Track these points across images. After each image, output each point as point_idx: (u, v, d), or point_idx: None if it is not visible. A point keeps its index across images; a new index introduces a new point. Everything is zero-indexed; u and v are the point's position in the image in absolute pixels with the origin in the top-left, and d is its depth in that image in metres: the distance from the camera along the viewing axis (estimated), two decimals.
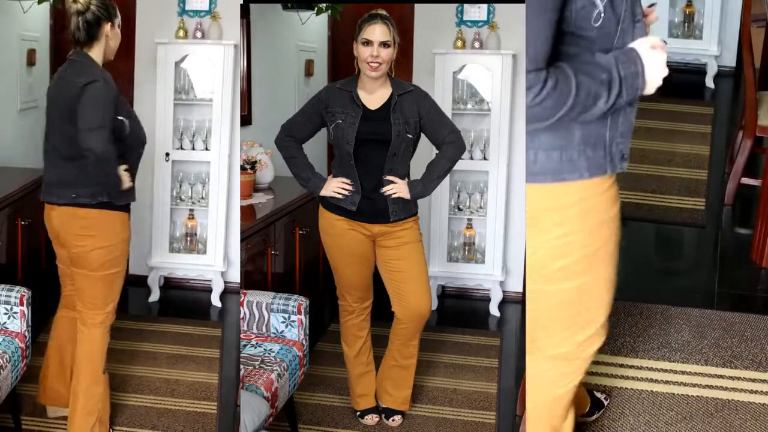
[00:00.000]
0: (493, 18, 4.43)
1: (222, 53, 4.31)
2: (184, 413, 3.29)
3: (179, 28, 4.41)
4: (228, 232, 4.45)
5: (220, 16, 4.39)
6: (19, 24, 4.16)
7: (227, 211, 4.42)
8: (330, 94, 3.05)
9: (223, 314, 4.33)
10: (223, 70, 4.32)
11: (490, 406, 3.41)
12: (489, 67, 4.34)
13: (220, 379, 3.54)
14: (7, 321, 3.01)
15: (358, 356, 3.28)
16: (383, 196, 3.02)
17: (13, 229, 3.67)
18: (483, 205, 4.48)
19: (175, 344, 3.89)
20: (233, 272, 4.48)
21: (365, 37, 2.91)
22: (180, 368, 3.65)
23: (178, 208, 4.52)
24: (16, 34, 4.17)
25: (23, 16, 4.14)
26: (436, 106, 3.09)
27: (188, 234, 4.53)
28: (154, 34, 4.43)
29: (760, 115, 3.88)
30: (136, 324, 4.08)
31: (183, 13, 4.47)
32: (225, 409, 3.29)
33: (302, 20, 4.69)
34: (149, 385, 3.47)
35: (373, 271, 3.19)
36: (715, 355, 3.06)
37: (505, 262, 4.51)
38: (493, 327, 4.33)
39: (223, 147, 4.38)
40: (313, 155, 3.24)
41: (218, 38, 4.39)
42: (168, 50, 4.36)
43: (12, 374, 2.91)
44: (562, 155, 1.99)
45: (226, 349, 3.79)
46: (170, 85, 4.37)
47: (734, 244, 3.89)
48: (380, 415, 3.29)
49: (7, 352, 2.90)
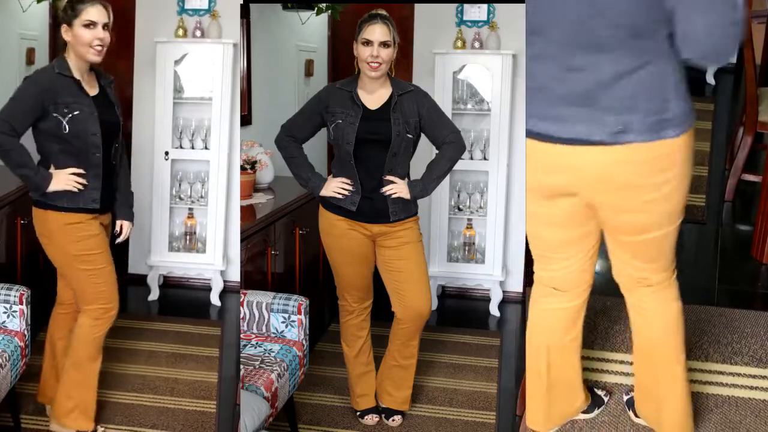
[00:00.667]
0: (493, 18, 4.43)
1: (221, 52, 4.32)
2: (184, 412, 3.28)
3: (178, 27, 4.42)
4: (227, 231, 4.46)
5: (219, 14, 4.39)
6: (18, 23, 4.16)
7: (226, 210, 4.43)
8: (330, 94, 3.05)
9: (223, 313, 4.34)
10: (222, 69, 4.33)
11: (490, 406, 3.41)
12: (489, 67, 4.34)
13: (219, 378, 3.53)
14: (6, 320, 3.02)
15: (358, 356, 3.29)
16: (383, 196, 3.01)
17: (12, 228, 3.68)
18: (483, 205, 4.48)
19: (175, 343, 3.90)
20: (232, 271, 4.50)
21: (365, 37, 2.91)
22: (179, 367, 3.66)
23: (178, 207, 4.53)
24: (16, 32, 4.16)
25: (22, 14, 4.14)
26: (436, 106, 3.09)
27: (188, 233, 4.54)
28: (153, 33, 4.43)
29: (761, 111, 3.89)
30: (135, 323, 4.08)
31: (182, 11, 4.48)
32: (224, 408, 3.29)
33: (302, 20, 4.69)
34: (149, 384, 3.47)
35: (373, 271, 3.19)
36: (715, 352, 3.06)
37: (505, 262, 4.51)
38: (493, 327, 4.33)
39: (222, 146, 4.39)
40: (313, 155, 3.24)
41: (218, 37, 4.40)
42: (167, 49, 4.37)
43: (11, 373, 2.91)
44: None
45: (225, 348, 3.79)
46: (169, 84, 4.38)
47: (734, 240, 3.87)
48: (380, 415, 3.29)
49: (7, 350, 2.90)
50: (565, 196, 2.32)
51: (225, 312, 4.34)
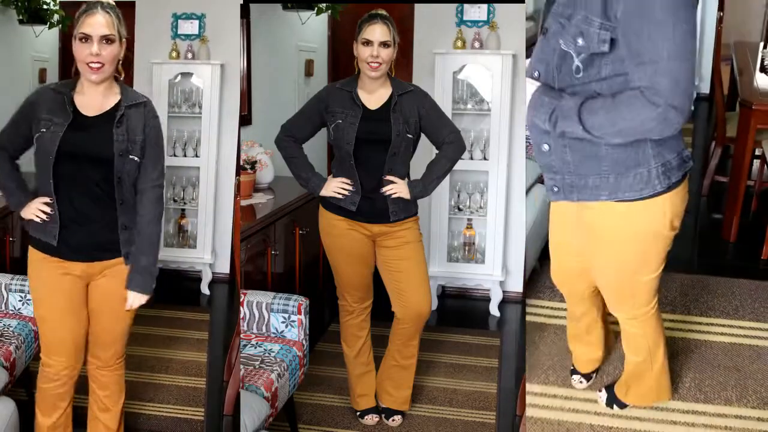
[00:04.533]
0: (493, 18, 4.42)
1: (210, 72, 4.66)
2: (177, 388, 3.56)
3: (172, 50, 4.77)
4: (215, 229, 4.77)
5: (208, 39, 4.73)
6: (31, 46, 4.69)
7: (215, 210, 4.76)
8: (330, 94, 3.05)
9: (211, 301, 4.70)
10: (210, 87, 4.65)
11: (490, 406, 3.41)
12: (489, 67, 4.33)
13: (208, 358, 3.78)
14: (21, 307, 3.36)
15: (358, 356, 3.28)
16: (383, 196, 3.01)
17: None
18: (483, 205, 4.48)
19: (169, 327, 4.16)
20: (220, 264, 4.79)
21: (365, 37, 2.91)
22: (173, 348, 3.93)
23: (172, 208, 4.81)
24: (29, 55, 4.71)
25: (35, 39, 4.67)
26: (436, 106, 3.09)
27: (181, 230, 4.89)
28: (150, 55, 4.71)
29: (728, 129, 4.90)
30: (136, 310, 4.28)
31: (176, 36, 4.78)
32: (213, 384, 3.51)
33: (302, 20, 4.69)
34: (146, 363, 3.74)
35: (373, 271, 3.19)
36: (695, 308, 3.80)
37: (505, 262, 4.51)
38: (493, 327, 4.33)
39: (211, 154, 4.72)
40: (313, 155, 3.24)
41: (206, 58, 4.72)
42: (162, 69, 4.73)
43: (26, 354, 3.19)
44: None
45: (213, 332, 4.09)
46: (164, 100, 4.69)
47: (709, 225, 4.91)
48: (380, 415, 3.30)
49: (22, 334, 3.20)
50: None
51: (213, 300, 4.68)
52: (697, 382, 3.22)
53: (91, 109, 2.52)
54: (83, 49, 2.43)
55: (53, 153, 2.45)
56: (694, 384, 3.20)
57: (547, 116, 2.23)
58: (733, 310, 3.77)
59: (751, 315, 3.72)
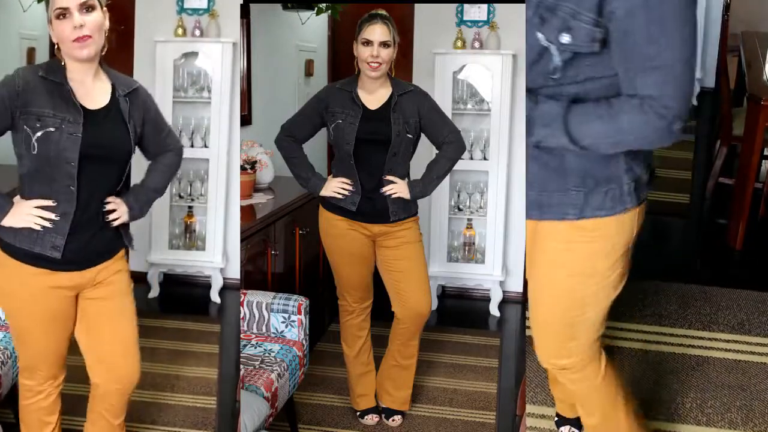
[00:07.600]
0: (493, 18, 4.43)
1: (220, 51, 4.32)
2: (184, 408, 3.28)
3: (178, 26, 4.42)
4: (227, 229, 4.46)
5: (218, 13, 4.39)
6: (18, 22, 4.11)
7: (226, 208, 4.43)
8: (330, 94, 3.05)
9: (222, 311, 4.33)
10: (221, 68, 4.32)
11: (490, 406, 3.41)
12: (489, 67, 4.34)
13: (219, 375, 3.52)
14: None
15: (358, 356, 3.29)
16: (383, 196, 3.01)
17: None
18: (483, 205, 4.48)
19: (175, 340, 3.89)
20: (232, 269, 4.49)
21: (365, 37, 2.91)
22: (179, 363, 3.65)
23: (177, 205, 4.53)
24: (16, 32, 4.13)
25: (23, 14, 4.08)
26: (436, 106, 3.09)
27: (187, 230, 4.55)
28: (152, 32, 4.43)
29: (734, 126, 4.46)
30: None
31: (182, 11, 4.47)
32: (224, 405, 3.28)
33: (302, 20, 4.69)
34: (149, 381, 3.39)
35: (373, 271, 3.19)
36: (697, 321, 3.57)
37: (505, 262, 4.51)
38: (493, 327, 4.33)
39: (222, 144, 4.39)
40: (313, 155, 3.24)
41: (217, 36, 4.39)
42: (167, 48, 4.37)
43: (12, 370, 2.88)
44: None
45: (225, 345, 3.79)
46: (169, 83, 4.37)
47: (713, 230, 4.57)
48: (380, 415, 3.30)
49: (8, 348, 2.87)
50: None
51: (224, 309, 4.32)
52: (698, 402, 3.00)
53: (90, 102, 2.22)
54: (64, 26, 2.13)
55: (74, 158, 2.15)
56: (695, 405, 2.98)
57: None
58: (738, 324, 3.50)
59: (758, 329, 3.46)
